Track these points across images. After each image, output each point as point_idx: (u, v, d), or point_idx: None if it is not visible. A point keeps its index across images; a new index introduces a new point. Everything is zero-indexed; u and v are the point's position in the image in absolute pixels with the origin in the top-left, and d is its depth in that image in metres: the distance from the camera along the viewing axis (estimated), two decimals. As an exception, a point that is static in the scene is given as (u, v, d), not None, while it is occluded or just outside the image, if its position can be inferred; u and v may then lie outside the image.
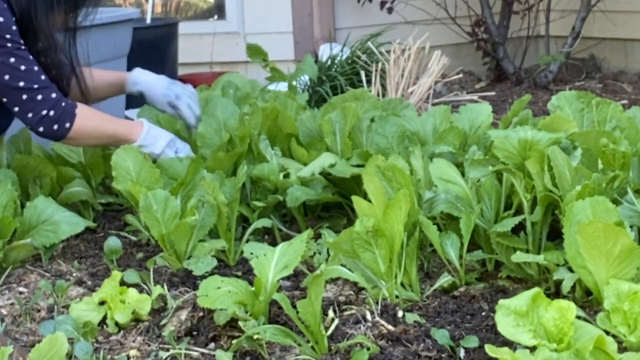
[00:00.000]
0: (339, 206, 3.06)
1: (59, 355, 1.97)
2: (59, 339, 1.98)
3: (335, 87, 4.76)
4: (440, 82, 5.13)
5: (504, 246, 2.47)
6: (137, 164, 2.90)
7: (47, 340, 1.97)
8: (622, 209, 2.37)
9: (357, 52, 5.04)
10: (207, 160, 3.03)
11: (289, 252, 2.25)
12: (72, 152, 3.27)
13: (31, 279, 2.67)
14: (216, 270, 2.63)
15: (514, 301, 1.89)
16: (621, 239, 2.04)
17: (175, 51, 5.30)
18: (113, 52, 4.18)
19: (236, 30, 5.81)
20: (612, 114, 2.83)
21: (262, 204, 2.96)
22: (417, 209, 2.45)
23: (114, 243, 2.75)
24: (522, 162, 2.50)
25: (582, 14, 5.42)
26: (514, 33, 5.82)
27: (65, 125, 2.93)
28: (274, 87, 4.29)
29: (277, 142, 3.19)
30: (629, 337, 1.96)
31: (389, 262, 2.33)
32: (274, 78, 4.23)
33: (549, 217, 2.50)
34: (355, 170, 2.86)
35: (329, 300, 2.34)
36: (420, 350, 2.08)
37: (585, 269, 2.13)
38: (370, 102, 3.37)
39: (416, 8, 5.69)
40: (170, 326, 2.28)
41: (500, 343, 2.03)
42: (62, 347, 1.97)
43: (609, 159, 2.49)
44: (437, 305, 2.32)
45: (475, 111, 3.10)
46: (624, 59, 5.88)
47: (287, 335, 2.10)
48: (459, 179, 2.62)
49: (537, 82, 5.50)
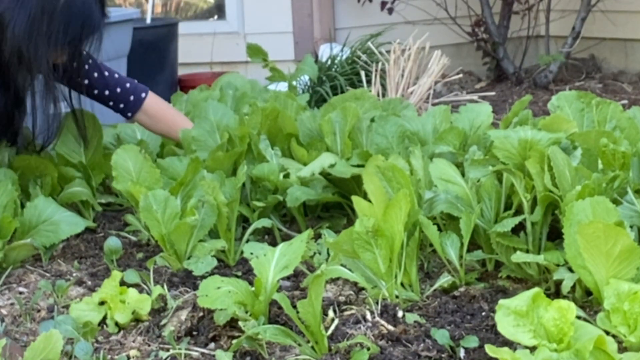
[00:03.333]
0: (339, 206, 3.06)
1: (55, 352, 1.97)
2: (53, 336, 1.98)
3: (335, 87, 4.76)
4: (440, 82, 5.13)
5: (504, 246, 2.47)
6: (137, 164, 2.91)
7: (42, 338, 1.98)
8: (622, 209, 2.37)
9: (357, 52, 5.04)
10: (207, 160, 3.03)
11: (289, 252, 2.25)
12: (72, 152, 3.27)
13: (31, 279, 2.67)
14: (216, 270, 2.63)
15: (514, 301, 1.89)
16: (621, 239, 2.04)
17: (175, 51, 5.30)
18: (113, 52, 4.17)
19: (236, 30, 5.81)
20: (612, 114, 2.83)
21: (262, 204, 2.96)
22: (417, 209, 2.45)
23: (114, 243, 2.75)
24: (522, 162, 2.50)
25: (582, 14, 5.42)
26: (514, 33, 5.82)
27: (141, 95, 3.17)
28: (274, 87, 4.30)
29: (277, 142, 3.19)
30: (629, 337, 1.96)
31: (389, 262, 2.33)
32: (274, 78, 4.24)
33: (549, 217, 2.50)
34: (355, 170, 2.86)
35: (329, 300, 2.34)
36: (420, 350, 2.08)
37: (585, 269, 2.13)
38: (370, 102, 3.38)
39: (416, 8, 5.69)
40: (170, 326, 2.28)
41: (500, 343, 2.03)
42: (57, 345, 1.98)
43: (609, 159, 2.49)
44: (437, 305, 2.32)
45: (475, 111, 3.10)
46: (624, 59, 5.88)
47: (287, 335, 2.10)
48: (459, 179, 2.62)
49: (537, 82, 5.50)
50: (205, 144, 3.20)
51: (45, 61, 2.88)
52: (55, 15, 2.83)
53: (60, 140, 3.26)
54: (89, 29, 2.94)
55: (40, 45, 2.85)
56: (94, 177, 3.25)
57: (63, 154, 3.26)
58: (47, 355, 1.97)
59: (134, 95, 3.32)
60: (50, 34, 2.84)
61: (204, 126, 3.23)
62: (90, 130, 3.27)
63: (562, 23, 5.72)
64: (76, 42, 2.94)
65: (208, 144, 3.19)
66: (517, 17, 5.77)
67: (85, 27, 2.92)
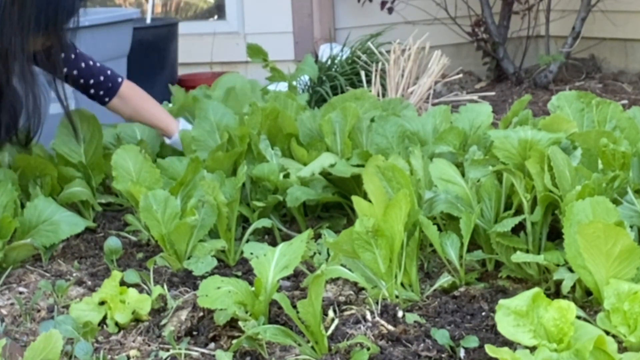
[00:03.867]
0: (339, 206, 3.06)
1: (54, 352, 1.97)
2: (53, 336, 1.98)
3: (335, 87, 4.76)
4: (440, 82, 5.13)
5: (504, 246, 2.47)
6: (137, 164, 2.91)
7: (42, 338, 1.98)
8: (622, 209, 2.37)
9: (357, 52, 5.04)
10: (207, 160, 3.03)
11: (289, 252, 2.25)
12: (72, 152, 3.27)
13: (31, 279, 2.67)
14: (216, 270, 2.63)
15: (514, 301, 1.89)
16: (621, 239, 2.04)
17: (175, 51, 5.30)
18: (113, 52, 4.18)
19: (236, 30, 5.81)
20: (612, 114, 2.83)
21: (262, 204, 2.96)
22: (417, 209, 2.45)
23: (114, 243, 2.75)
24: (522, 162, 2.50)
25: (582, 14, 5.41)
26: (514, 33, 5.82)
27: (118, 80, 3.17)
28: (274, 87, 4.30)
29: (277, 142, 3.19)
30: (629, 337, 1.96)
31: (389, 262, 2.33)
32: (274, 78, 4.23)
33: (549, 217, 2.50)
34: (355, 170, 2.86)
35: (329, 300, 2.34)
36: (420, 350, 2.08)
37: (585, 269, 2.13)
38: (370, 102, 3.38)
39: (416, 8, 5.69)
40: (170, 326, 2.28)
41: (500, 343, 2.03)
42: (57, 345, 1.98)
43: (609, 159, 2.49)
44: (437, 305, 2.32)
45: (475, 111, 3.10)
46: (624, 59, 5.88)
47: (287, 335, 2.10)
48: (459, 179, 2.62)
49: (537, 82, 5.50)
50: (205, 144, 3.20)
51: (20, 51, 2.81)
52: (26, 3, 2.78)
53: (60, 140, 3.26)
54: (63, 14, 2.88)
55: (14, 35, 2.78)
56: (93, 177, 3.25)
57: (63, 154, 3.26)
58: (47, 355, 1.97)
59: (112, 82, 3.34)
60: (22, 23, 2.78)
61: (204, 126, 3.23)
62: (90, 130, 3.27)
63: (562, 23, 5.72)
64: (52, 29, 2.88)
65: (208, 144, 3.19)
66: (517, 17, 5.77)
67: (59, 13, 2.87)
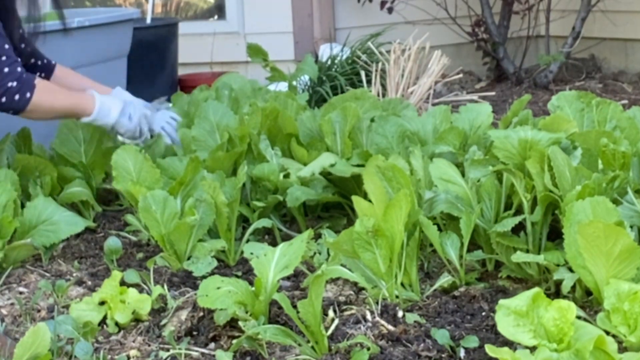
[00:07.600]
0: (339, 206, 3.06)
1: (43, 346, 1.98)
2: (40, 330, 1.99)
3: (335, 87, 4.76)
4: (440, 82, 5.13)
5: (504, 246, 2.47)
6: (137, 164, 2.91)
7: (30, 333, 1.99)
8: (622, 209, 2.37)
9: (357, 52, 5.04)
10: (207, 160, 3.03)
11: (289, 252, 2.25)
12: (72, 152, 3.27)
13: (31, 279, 2.67)
14: (216, 270, 2.63)
15: (514, 301, 1.89)
16: (621, 239, 2.04)
17: (175, 51, 5.30)
18: (113, 52, 4.18)
19: (236, 30, 5.81)
20: (612, 114, 2.83)
21: (262, 204, 2.96)
22: (417, 209, 2.45)
23: (114, 243, 2.75)
24: (522, 162, 2.50)
25: (582, 14, 5.42)
26: (514, 33, 5.82)
27: (26, 95, 2.95)
28: (274, 87, 4.30)
29: (277, 142, 3.19)
30: (629, 337, 1.96)
31: (389, 262, 2.33)
32: (274, 78, 4.23)
33: (549, 217, 2.50)
34: (355, 170, 2.86)
35: (329, 300, 2.34)
36: (420, 350, 2.08)
37: (585, 269, 2.13)
38: (370, 102, 3.38)
39: (416, 8, 5.69)
40: (170, 326, 2.28)
41: (500, 343, 2.03)
42: (45, 338, 1.99)
43: (609, 159, 2.49)
44: (437, 305, 2.32)
45: (475, 111, 3.10)
46: (624, 59, 5.88)
47: (287, 335, 2.10)
48: (459, 179, 2.62)
49: (537, 82, 5.50)
50: (205, 144, 3.20)
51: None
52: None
53: (60, 140, 3.27)
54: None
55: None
56: (93, 177, 3.25)
57: (63, 154, 3.26)
58: (36, 349, 1.98)
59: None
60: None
61: (204, 126, 3.23)
62: (90, 130, 3.27)
63: (562, 23, 5.72)
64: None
65: (208, 144, 3.19)
66: (517, 17, 5.77)
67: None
